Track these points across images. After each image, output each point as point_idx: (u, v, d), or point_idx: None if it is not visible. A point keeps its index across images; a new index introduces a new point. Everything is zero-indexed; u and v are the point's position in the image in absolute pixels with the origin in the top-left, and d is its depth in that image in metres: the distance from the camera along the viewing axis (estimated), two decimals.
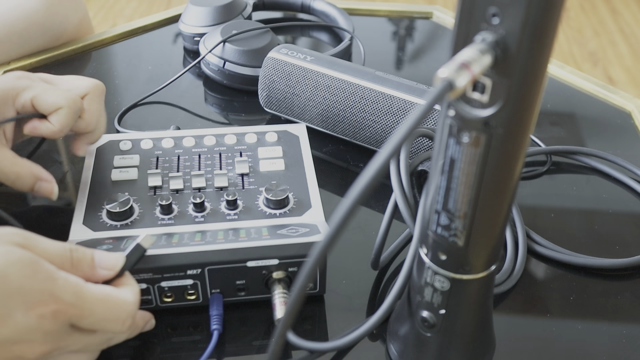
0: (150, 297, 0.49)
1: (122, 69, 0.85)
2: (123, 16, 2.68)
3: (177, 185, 0.55)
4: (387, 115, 0.64)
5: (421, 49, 0.94)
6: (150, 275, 0.48)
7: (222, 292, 0.50)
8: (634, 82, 2.38)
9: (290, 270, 0.50)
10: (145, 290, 0.49)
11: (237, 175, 0.57)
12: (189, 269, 0.48)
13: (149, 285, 0.49)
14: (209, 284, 0.49)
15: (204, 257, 0.48)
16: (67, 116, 0.53)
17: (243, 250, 0.49)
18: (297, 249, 0.49)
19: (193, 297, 0.50)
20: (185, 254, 0.48)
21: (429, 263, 0.42)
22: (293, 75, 0.68)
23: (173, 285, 0.49)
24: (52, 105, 0.53)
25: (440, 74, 0.30)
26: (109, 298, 0.42)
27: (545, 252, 0.58)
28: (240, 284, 0.50)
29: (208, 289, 0.50)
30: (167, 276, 0.48)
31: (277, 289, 0.49)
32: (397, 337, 0.47)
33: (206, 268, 0.49)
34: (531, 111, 0.35)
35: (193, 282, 0.49)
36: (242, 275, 0.50)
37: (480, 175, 0.37)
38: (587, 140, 0.74)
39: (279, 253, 0.49)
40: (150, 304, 0.50)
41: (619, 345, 0.51)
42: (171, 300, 0.50)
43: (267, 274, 0.50)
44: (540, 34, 0.32)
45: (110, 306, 0.42)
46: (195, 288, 0.50)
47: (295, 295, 0.30)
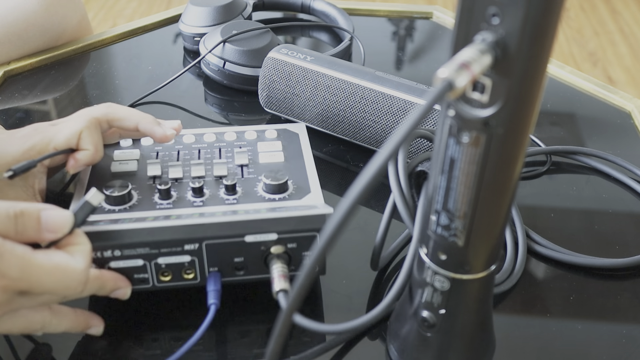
0: (147, 275, 0.48)
1: (122, 69, 0.86)
2: (123, 16, 2.68)
3: (177, 174, 0.55)
4: (387, 115, 0.64)
5: (421, 49, 0.94)
6: (147, 250, 0.47)
7: (220, 270, 0.49)
8: (633, 82, 2.38)
9: (290, 247, 0.49)
10: (141, 267, 0.48)
11: (237, 166, 0.56)
12: (187, 244, 0.47)
13: (146, 261, 0.48)
14: (206, 261, 0.49)
15: (201, 231, 0.48)
16: (92, 134, 0.53)
17: (241, 224, 0.48)
18: (296, 223, 0.48)
19: (191, 276, 0.49)
20: (183, 227, 0.48)
21: (429, 263, 0.42)
22: (293, 75, 0.68)
23: (170, 263, 0.48)
24: (74, 136, 0.53)
25: (440, 74, 0.30)
26: (58, 267, 0.41)
27: (545, 252, 0.58)
28: (238, 261, 0.49)
29: (206, 267, 0.49)
30: (164, 251, 0.48)
31: (276, 263, 0.48)
32: (397, 337, 0.47)
33: (204, 243, 0.48)
34: (531, 111, 0.35)
35: (191, 259, 0.48)
36: (240, 252, 0.49)
37: (480, 175, 0.37)
38: (587, 140, 0.74)
39: (278, 227, 0.48)
40: (147, 283, 0.49)
41: (619, 345, 0.51)
42: (168, 279, 0.49)
43: (266, 250, 0.49)
44: (540, 34, 0.32)
45: (59, 276, 0.41)
46: (192, 266, 0.49)
47: (305, 273, 0.30)
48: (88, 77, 0.82)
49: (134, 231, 0.47)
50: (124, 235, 0.47)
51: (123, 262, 0.48)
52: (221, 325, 0.51)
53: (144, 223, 0.48)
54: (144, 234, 0.47)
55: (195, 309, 0.51)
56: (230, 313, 0.52)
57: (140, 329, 0.50)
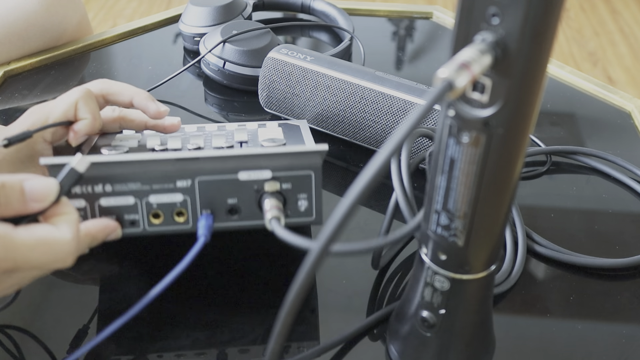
0: (138, 217, 0.47)
1: (122, 69, 0.86)
2: (123, 16, 2.68)
3: (176, 145, 0.55)
4: (387, 115, 0.64)
5: (421, 49, 0.94)
6: (138, 186, 0.46)
7: (213, 213, 0.48)
8: (633, 82, 2.38)
9: (284, 187, 0.48)
10: (132, 207, 0.47)
11: (236, 142, 0.56)
12: (179, 179, 0.47)
13: (137, 199, 0.47)
14: (199, 201, 0.47)
15: (194, 165, 0.47)
16: (88, 103, 0.53)
17: (235, 159, 0.47)
18: (291, 159, 0.47)
19: (182, 219, 0.48)
20: (176, 161, 0.47)
21: (429, 263, 0.42)
22: (293, 75, 0.68)
23: (162, 202, 0.47)
24: (70, 106, 0.53)
25: (440, 74, 0.30)
26: (43, 242, 0.39)
27: (545, 252, 0.58)
28: (232, 203, 0.48)
29: (198, 208, 0.48)
30: (156, 188, 0.47)
31: (270, 198, 0.47)
32: (397, 337, 0.47)
33: (196, 178, 0.47)
34: (531, 111, 0.35)
35: (183, 198, 0.47)
36: (233, 191, 0.48)
37: (480, 175, 0.37)
38: (587, 140, 0.74)
39: (273, 163, 0.47)
40: (138, 226, 0.48)
41: (619, 345, 0.51)
42: (160, 222, 0.48)
43: (260, 190, 0.48)
44: (540, 34, 0.32)
45: (46, 250, 0.39)
46: (185, 206, 0.48)
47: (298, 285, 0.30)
48: (88, 77, 0.82)
49: (126, 163, 0.46)
50: (116, 167, 0.46)
51: (114, 199, 0.47)
52: (221, 325, 0.51)
53: (136, 156, 0.47)
54: (136, 167, 0.46)
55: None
56: (230, 310, 0.52)
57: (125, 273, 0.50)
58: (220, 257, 0.57)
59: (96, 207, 0.47)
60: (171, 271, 0.44)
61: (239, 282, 0.54)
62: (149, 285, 0.47)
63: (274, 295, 0.53)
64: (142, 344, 0.49)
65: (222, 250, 0.57)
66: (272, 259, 0.57)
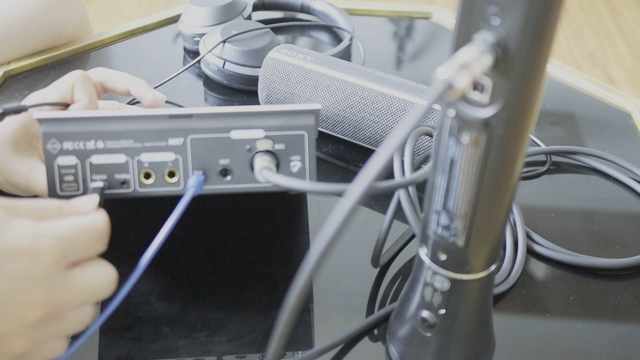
0: (129, 176, 0.47)
1: (122, 69, 0.85)
2: (123, 16, 2.67)
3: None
4: (387, 115, 0.64)
5: (421, 49, 0.94)
6: (130, 143, 0.46)
7: (205, 173, 0.48)
8: (633, 82, 2.38)
9: (277, 148, 0.47)
10: (123, 165, 0.47)
11: None
12: (171, 137, 0.46)
13: (128, 157, 0.46)
14: (191, 160, 0.47)
15: (186, 124, 0.46)
16: (84, 85, 0.53)
17: (227, 116, 0.47)
18: (284, 119, 0.47)
19: (174, 180, 0.48)
20: (168, 118, 0.46)
21: (429, 263, 0.42)
22: (293, 75, 0.68)
23: (153, 161, 0.47)
24: (67, 89, 0.53)
25: (440, 75, 0.30)
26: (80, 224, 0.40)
27: (545, 252, 0.58)
28: (224, 164, 0.48)
29: (190, 168, 0.47)
30: (148, 146, 0.46)
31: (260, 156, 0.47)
32: (397, 337, 0.47)
33: (188, 137, 0.46)
34: (531, 111, 0.35)
35: (175, 157, 0.47)
36: (225, 151, 0.47)
37: (480, 175, 0.37)
38: (587, 140, 0.74)
39: (265, 122, 0.47)
40: (129, 186, 0.47)
41: (619, 345, 0.51)
42: (151, 182, 0.47)
43: (252, 150, 0.47)
44: (540, 34, 0.32)
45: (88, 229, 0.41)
46: (176, 166, 0.47)
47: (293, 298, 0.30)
48: None
49: (118, 119, 0.46)
50: (109, 123, 0.46)
51: (105, 157, 0.46)
52: (222, 325, 0.51)
53: (129, 111, 0.47)
54: (128, 123, 0.46)
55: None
56: (231, 309, 0.52)
57: None
58: (220, 257, 0.57)
59: (87, 165, 0.47)
60: (161, 229, 0.43)
61: (240, 281, 0.54)
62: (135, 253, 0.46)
63: (275, 295, 0.53)
64: (142, 344, 0.49)
65: (223, 250, 0.57)
66: (273, 258, 0.57)
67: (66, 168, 0.46)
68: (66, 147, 0.46)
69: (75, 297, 0.39)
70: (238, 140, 0.47)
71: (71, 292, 0.39)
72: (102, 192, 0.46)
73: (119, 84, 0.56)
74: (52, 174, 0.47)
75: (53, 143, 0.46)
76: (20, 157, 0.53)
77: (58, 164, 0.46)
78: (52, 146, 0.46)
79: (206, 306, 0.52)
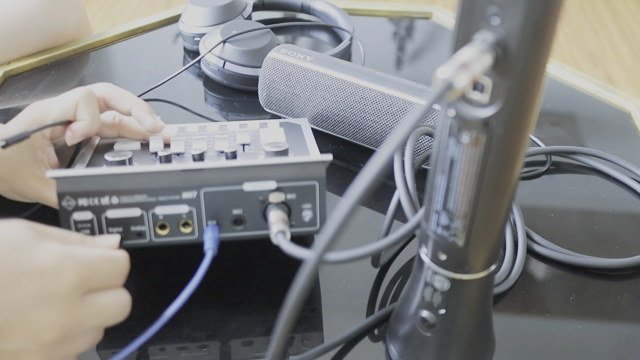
0: (144, 228, 0.48)
1: (122, 69, 0.86)
2: (123, 16, 2.68)
3: (179, 148, 0.55)
4: (387, 115, 0.64)
5: (421, 49, 0.94)
6: (145, 198, 0.47)
7: (219, 224, 0.49)
8: (633, 82, 2.38)
9: (289, 197, 0.48)
10: (139, 218, 0.47)
11: (239, 145, 0.56)
12: (185, 191, 0.47)
13: (143, 211, 0.47)
14: (204, 211, 0.48)
15: (199, 177, 0.47)
16: (89, 105, 0.53)
17: (240, 169, 0.47)
18: (295, 170, 0.48)
19: (189, 230, 0.48)
20: (181, 173, 0.47)
21: (429, 263, 0.42)
22: (293, 75, 0.68)
23: (168, 214, 0.47)
24: (70, 105, 0.53)
25: (440, 75, 0.30)
26: (104, 255, 0.42)
27: (545, 252, 0.58)
28: (237, 214, 0.48)
29: (204, 219, 0.48)
30: (162, 200, 0.47)
31: (275, 210, 0.47)
32: (397, 337, 0.47)
33: (202, 190, 0.47)
34: (531, 111, 0.35)
35: (189, 209, 0.48)
36: (238, 203, 0.48)
37: (480, 175, 0.37)
38: (587, 140, 0.74)
39: (277, 174, 0.47)
40: (144, 237, 0.48)
41: (619, 345, 0.51)
42: (166, 233, 0.48)
43: (265, 201, 0.48)
44: (540, 34, 0.32)
45: (111, 261, 0.42)
46: (190, 217, 0.48)
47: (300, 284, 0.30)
48: (88, 77, 0.82)
49: (132, 175, 0.47)
50: (122, 180, 0.46)
51: (120, 211, 0.47)
52: (222, 325, 0.51)
53: (142, 167, 0.47)
54: (142, 179, 0.46)
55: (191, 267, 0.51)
56: (232, 309, 0.52)
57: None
58: (220, 256, 0.57)
59: (103, 219, 0.47)
60: (185, 289, 0.44)
61: (240, 281, 0.54)
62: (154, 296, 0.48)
63: (276, 294, 0.53)
64: (142, 344, 0.49)
65: (223, 250, 0.57)
66: (274, 258, 0.57)
67: (82, 223, 0.47)
68: (81, 204, 0.47)
69: (90, 320, 0.40)
70: (251, 192, 0.48)
71: (86, 316, 0.40)
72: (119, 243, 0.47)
73: (122, 103, 0.56)
74: (69, 228, 0.47)
75: (68, 200, 0.47)
76: (27, 169, 0.53)
77: (74, 219, 0.47)
78: (67, 203, 0.47)
79: (206, 306, 0.52)
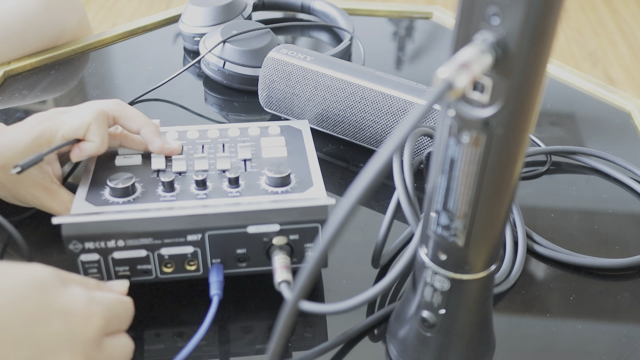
0: (150, 266, 0.49)
1: (122, 69, 0.85)
2: (123, 16, 2.67)
3: (180, 167, 0.55)
4: (387, 115, 0.64)
5: (421, 49, 0.94)
6: (150, 241, 0.48)
7: (223, 262, 0.50)
8: (633, 82, 2.38)
9: (292, 238, 0.49)
10: (144, 258, 0.48)
11: (240, 160, 0.57)
12: (189, 234, 0.48)
13: (149, 252, 0.48)
14: (209, 252, 0.49)
15: (204, 222, 0.48)
16: (100, 127, 0.54)
17: (244, 214, 0.48)
18: (298, 214, 0.49)
19: (193, 268, 0.50)
20: (186, 218, 0.48)
21: (429, 263, 0.42)
22: (293, 75, 0.68)
23: (173, 254, 0.49)
24: (82, 125, 0.53)
25: (440, 74, 0.30)
26: (119, 299, 0.45)
27: (545, 252, 0.58)
28: (241, 253, 0.49)
29: (208, 258, 0.49)
30: (167, 242, 0.48)
31: (278, 254, 0.49)
32: (397, 337, 0.47)
33: (206, 233, 0.48)
34: (531, 111, 0.35)
35: (193, 249, 0.49)
36: (242, 243, 0.49)
37: (480, 175, 0.37)
38: (587, 140, 0.74)
39: (281, 218, 0.48)
40: (150, 274, 0.49)
41: (619, 345, 0.51)
42: (171, 270, 0.50)
43: (268, 242, 0.49)
44: (540, 34, 0.32)
45: (122, 305, 0.45)
46: (195, 257, 0.49)
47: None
48: (88, 77, 0.82)
49: (137, 221, 0.48)
50: (128, 225, 0.47)
51: (126, 253, 0.48)
52: (223, 321, 0.51)
53: (147, 213, 0.48)
54: (147, 224, 0.47)
55: (195, 301, 0.51)
56: (232, 308, 0.52)
57: (142, 324, 0.50)
58: None
59: (109, 260, 0.49)
60: (194, 335, 0.46)
61: (240, 280, 0.54)
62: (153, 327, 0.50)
63: (276, 294, 0.53)
64: (142, 344, 0.49)
65: None
66: None
67: (89, 263, 0.49)
68: (88, 247, 0.48)
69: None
70: (254, 234, 0.49)
71: (102, 358, 0.42)
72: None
73: (132, 123, 0.57)
74: (77, 269, 0.49)
75: (75, 244, 0.48)
76: (32, 180, 0.54)
77: (81, 260, 0.48)
78: (74, 247, 0.48)
79: (206, 306, 0.52)
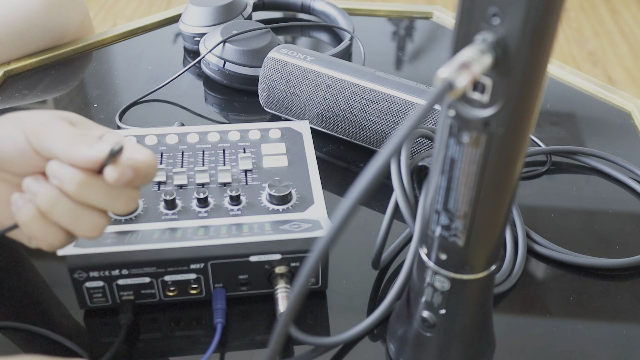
0: (154, 290, 0.50)
1: (122, 69, 0.85)
2: (123, 16, 2.67)
3: (181, 181, 0.55)
4: (387, 115, 0.64)
5: (421, 49, 0.94)
6: (153, 270, 0.49)
7: (225, 286, 0.51)
8: (633, 82, 2.38)
9: (293, 265, 0.50)
10: (148, 284, 0.49)
11: (241, 172, 0.57)
12: (192, 263, 0.49)
13: (153, 279, 0.49)
14: (212, 278, 0.50)
15: (207, 252, 0.49)
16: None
17: (246, 245, 0.49)
18: (299, 244, 0.50)
19: (196, 292, 0.51)
20: (189, 248, 0.49)
21: (429, 263, 0.42)
22: (293, 75, 0.68)
23: (176, 280, 0.50)
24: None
25: (440, 74, 0.30)
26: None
27: (545, 252, 0.58)
28: (243, 278, 0.51)
29: (211, 283, 0.51)
30: (171, 270, 0.49)
31: (280, 283, 0.50)
32: (397, 336, 0.47)
33: (209, 262, 0.49)
34: (531, 111, 0.35)
35: (196, 276, 0.50)
36: (244, 270, 0.50)
37: (480, 175, 0.37)
38: (587, 140, 0.74)
39: (282, 248, 0.49)
40: (154, 297, 0.50)
41: (619, 345, 0.51)
42: (174, 294, 0.51)
43: (270, 269, 0.50)
44: (540, 34, 0.32)
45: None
46: (198, 282, 0.50)
47: (297, 290, 0.30)
48: (88, 77, 0.82)
49: (140, 252, 0.48)
50: (131, 255, 0.48)
51: (131, 280, 0.49)
52: (224, 335, 0.51)
53: (150, 245, 0.48)
54: (150, 255, 0.48)
55: (199, 323, 0.52)
56: (230, 312, 0.52)
57: (146, 349, 0.50)
58: None
59: (114, 286, 0.49)
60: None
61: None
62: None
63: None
64: (142, 344, 0.49)
65: None
66: None
67: (94, 289, 0.49)
68: (92, 275, 0.49)
69: None
70: (256, 262, 0.50)
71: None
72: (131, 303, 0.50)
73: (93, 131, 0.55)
74: (82, 294, 0.49)
75: (79, 273, 0.48)
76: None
77: (86, 286, 0.49)
78: (79, 275, 0.48)
79: (206, 306, 0.52)
